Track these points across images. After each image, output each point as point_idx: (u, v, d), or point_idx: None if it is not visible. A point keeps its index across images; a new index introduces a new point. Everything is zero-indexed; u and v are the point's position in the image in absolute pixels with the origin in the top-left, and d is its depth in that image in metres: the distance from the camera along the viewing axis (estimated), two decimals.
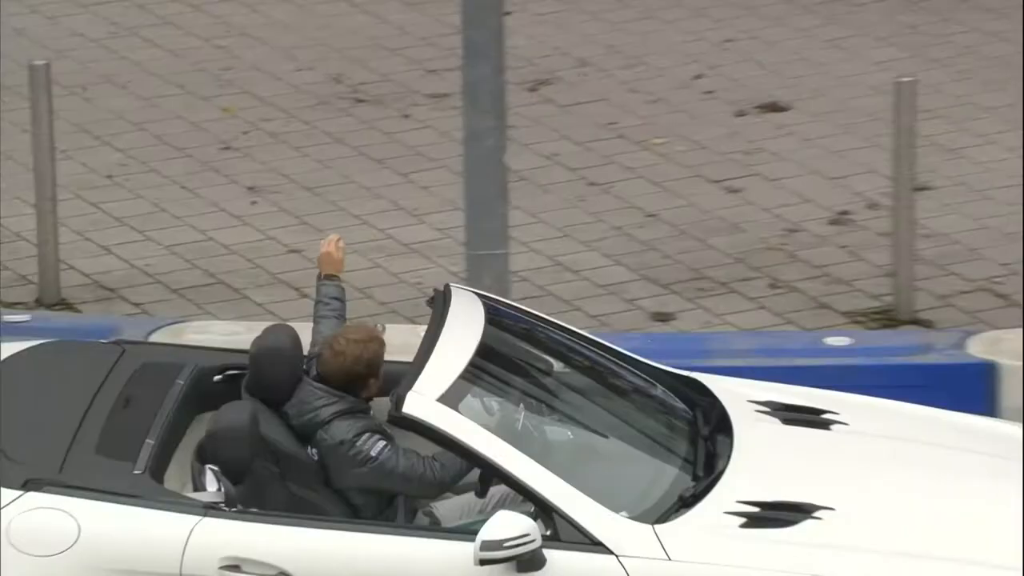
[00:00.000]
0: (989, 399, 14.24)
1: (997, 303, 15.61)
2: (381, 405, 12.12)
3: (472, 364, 11.92)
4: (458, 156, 15.06)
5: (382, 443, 11.77)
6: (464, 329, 12.15)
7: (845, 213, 16.60)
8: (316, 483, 11.93)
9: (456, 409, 11.56)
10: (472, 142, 14.85)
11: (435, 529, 11.84)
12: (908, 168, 15.54)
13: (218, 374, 12.55)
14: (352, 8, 19.28)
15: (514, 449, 11.61)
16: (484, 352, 12.02)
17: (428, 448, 11.89)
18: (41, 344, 12.96)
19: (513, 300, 14.60)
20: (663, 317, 15.51)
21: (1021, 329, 14.85)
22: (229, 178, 16.82)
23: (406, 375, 11.66)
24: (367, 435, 11.77)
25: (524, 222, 15.85)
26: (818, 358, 14.97)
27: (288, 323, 12.87)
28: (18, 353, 12.75)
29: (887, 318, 15.53)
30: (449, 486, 11.97)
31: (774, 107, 17.96)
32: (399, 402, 11.45)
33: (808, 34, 18.92)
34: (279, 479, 11.88)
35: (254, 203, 16.53)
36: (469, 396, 11.83)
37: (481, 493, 11.87)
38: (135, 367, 12.43)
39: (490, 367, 12.15)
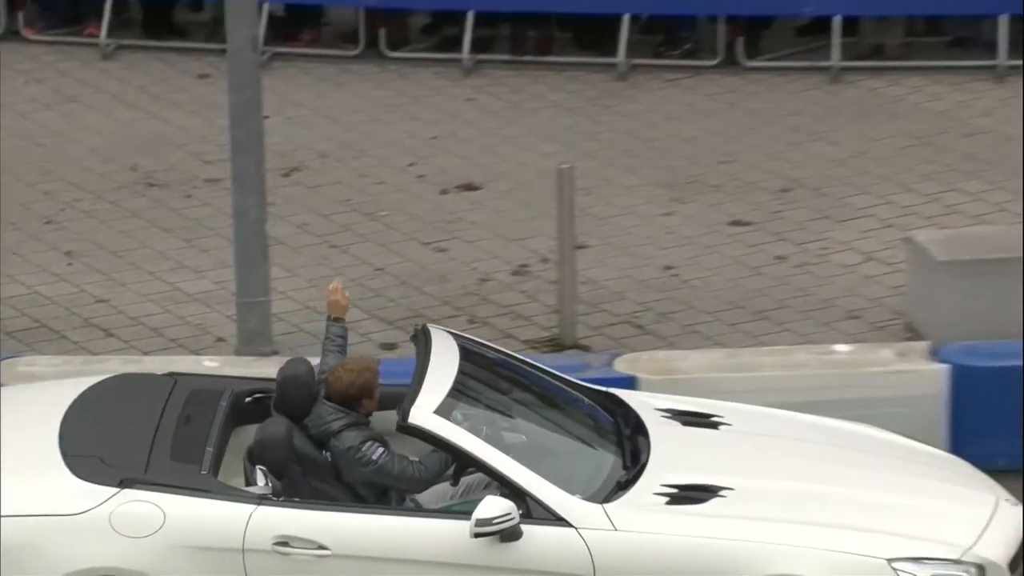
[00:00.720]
0: None
1: (636, 332, 15.65)
2: (380, 417, 12.35)
3: (455, 384, 12.19)
4: (229, 226, 15.51)
5: (381, 450, 12.00)
6: (445, 358, 12.39)
7: (524, 266, 16.62)
8: (330, 479, 12.12)
9: (448, 419, 11.91)
10: (240, 216, 15.29)
11: (432, 511, 12.08)
12: (569, 232, 15.60)
13: (248, 397, 12.79)
14: (146, 115, 18.93)
15: (493, 448, 11.93)
16: (463, 375, 12.30)
17: (417, 449, 12.20)
18: (111, 377, 13.05)
19: (275, 336, 15.42)
20: (389, 347, 15.57)
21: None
22: (50, 245, 16.63)
23: (407, 395, 12.03)
24: (369, 443, 12.00)
25: (282, 276, 15.98)
26: None
27: (303, 357, 12.89)
28: (95, 384, 12.80)
29: (556, 344, 15.63)
30: (431, 483, 12.19)
31: (470, 187, 17.85)
32: (405, 415, 11.84)
33: (494, 133, 18.74)
34: (303, 476, 12.09)
35: (70, 264, 16.46)
36: (456, 409, 12.08)
37: (454, 483, 12.17)
38: (188, 393, 12.67)
39: (469, 386, 12.37)
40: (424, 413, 11.93)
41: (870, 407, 14.05)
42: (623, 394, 13.00)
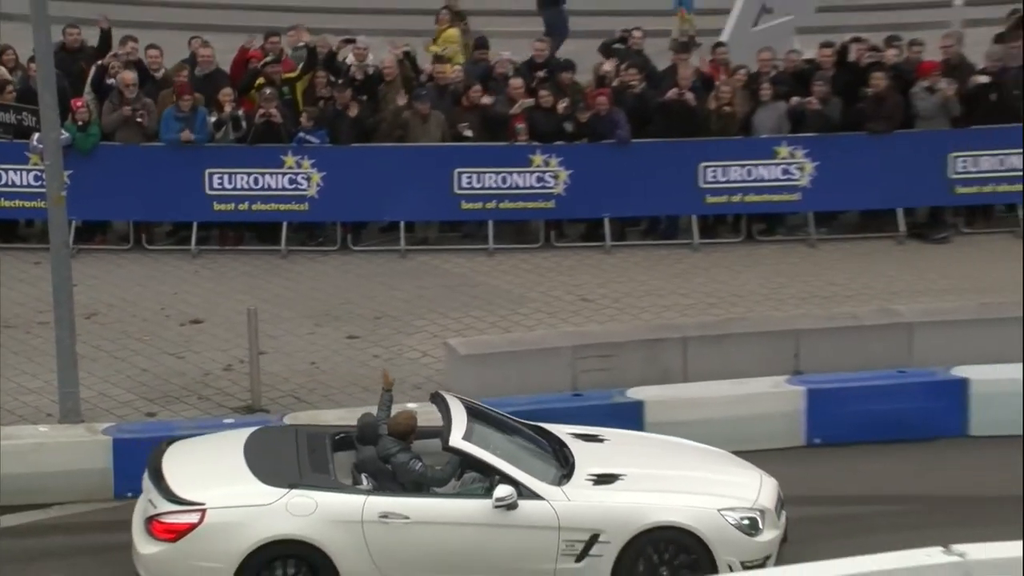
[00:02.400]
0: None
1: (296, 401, 15.55)
2: (418, 445, 12.66)
3: (467, 423, 12.54)
4: (54, 348, 14.92)
5: (420, 464, 12.32)
6: (457, 409, 12.75)
7: (230, 365, 16.20)
8: (391, 481, 12.36)
9: (471, 442, 12.37)
10: (60, 343, 14.77)
11: (461, 494, 12.40)
12: (255, 344, 15.30)
13: (338, 435, 12.94)
14: (3, 287, 17.98)
15: (498, 458, 12.36)
16: (469, 417, 12.63)
17: (435, 460, 12.56)
18: (258, 428, 13.33)
19: (82, 411, 14.81)
20: (151, 414, 15.25)
21: None
22: None
23: (443, 431, 12.48)
24: (413, 460, 12.32)
25: (85, 376, 15.28)
26: None
27: (370, 412, 13.03)
28: (252, 432, 13.08)
29: (249, 408, 15.33)
30: (447, 481, 12.41)
31: (196, 320, 17.34)
32: (446, 441, 12.35)
33: (210, 291, 18.23)
34: (375, 480, 12.42)
35: None
36: (472, 437, 12.44)
37: (458, 479, 12.48)
38: (305, 435, 12.95)
39: (474, 424, 12.60)
40: (456, 439, 12.35)
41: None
42: (546, 426, 13.31)
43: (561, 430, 13.18)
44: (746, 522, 12.36)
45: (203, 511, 11.91)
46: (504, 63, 19.47)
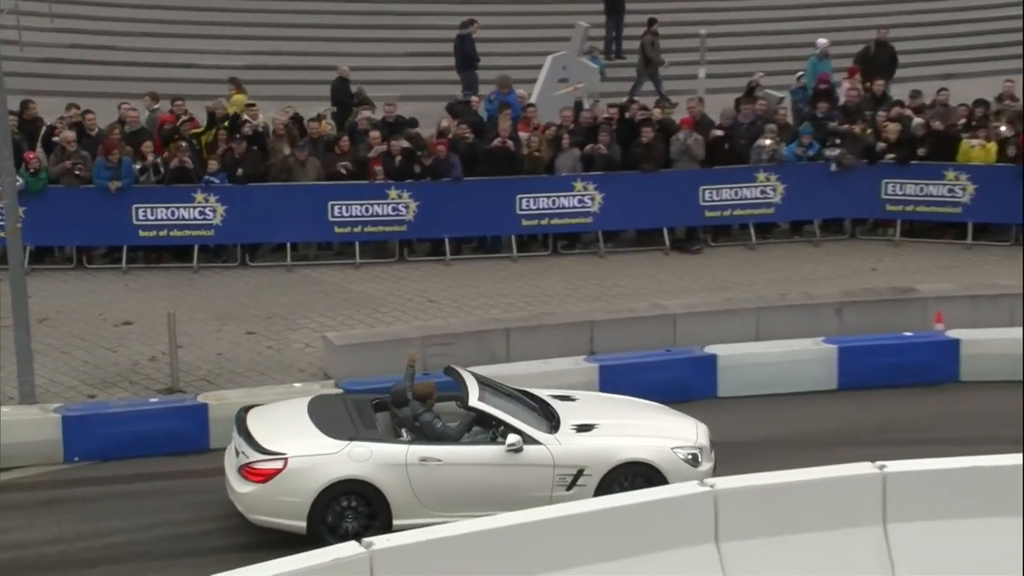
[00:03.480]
0: None
1: (208, 384, 15.06)
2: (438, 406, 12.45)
3: (479, 388, 12.54)
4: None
5: (440, 422, 12.26)
6: (469, 377, 12.72)
7: (154, 357, 15.75)
8: (420, 435, 12.27)
9: (485, 402, 12.36)
10: (19, 341, 14.38)
11: (479, 441, 12.32)
12: (173, 339, 14.92)
13: (375, 401, 12.81)
14: None
15: (506, 414, 12.33)
16: (480, 385, 12.61)
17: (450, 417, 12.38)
18: (316, 396, 13.16)
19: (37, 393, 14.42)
20: (91, 396, 14.67)
21: None
22: None
23: (462, 395, 12.43)
24: (435, 419, 12.27)
25: (38, 367, 14.81)
26: None
27: (402, 382, 12.72)
28: (311, 399, 12.96)
29: (168, 389, 14.87)
30: (460, 437, 12.32)
31: (127, 322, 16.85)
32: (466, 401, 12.35)
33: (136, 300, 17.79)
34: (412, 433, 12.31)
35: None
36: (484, 398, 12.44)
37: (468, 432, 12.39)
38: (352, 401, 12.89)
39: (484, 390, 12.59)
40: (474, 400, 12.36)
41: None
42: (531, 390, 13.16)
43: (542, 392, 13.15)
44: (691, 456, 12.45)
45: (286, 459, 11.92)
46: (363, 120, 19.30)
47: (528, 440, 12.19)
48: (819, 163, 18.76)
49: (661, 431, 12.67)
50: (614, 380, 14.57)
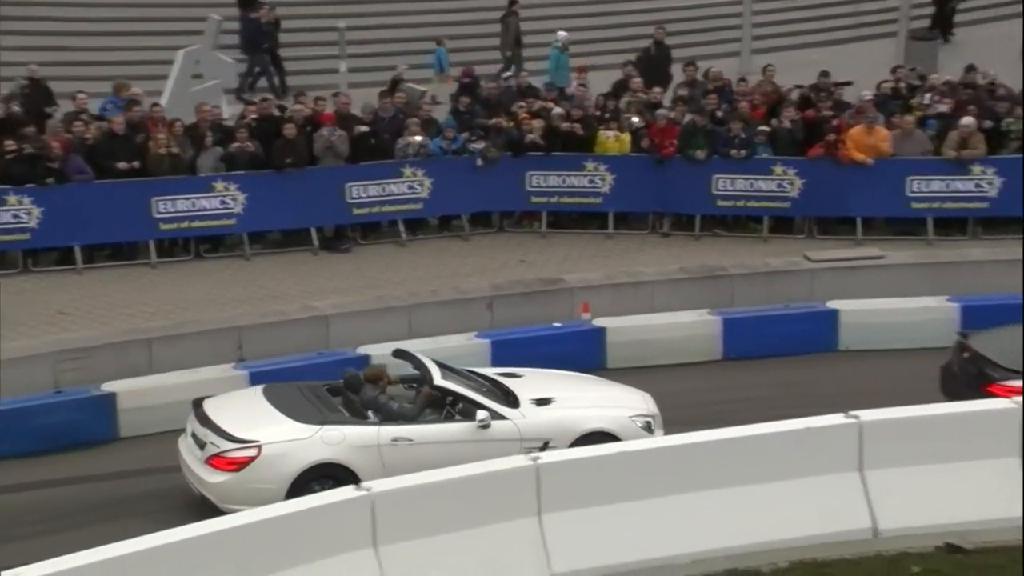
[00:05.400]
0: None
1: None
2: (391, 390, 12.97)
3: (440, 368, 13.19)
4: None
5: (395, 403, 12.79)
6: (427, 360, 13.34)
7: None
8: (382, 418, 12.79)
9: (448, 381, 13.02)
10: None
11: (448, 419, 12.92)
12: None
13: (326, 387, 13.26)
14: None
15: (470, 391, 13.01)
16: (440, 366, 13.25)
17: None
18: (266, 385, 13.42)
19: None
20: None
21: None
22: None
23: (423, 376, 13.09)
24: (390, 400, 12.84)
25: None
26: None
27: (352, 368, 13.45)
28: (263, 387, 13.34)
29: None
30: (418, 416, 12.94)
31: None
32: (431, 381, 12.96)
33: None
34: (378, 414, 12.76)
35: None
36: (446, 377, 13.11)
37: (422, 410, 12.92)
38: (306, 387, 13.22)
39: (445, 370, 13.29)
40: (439, 380, 13.00)
41: None
42: (475, 368, 13.93)
43: (487, 371, 13.90)
44: (646, 424, 13.14)
45: (259, 446, 12.26)
46: None
47: (495, 416, 12.76)
48: (465, 157, 18.96)
49: (616, 401, 13.40)
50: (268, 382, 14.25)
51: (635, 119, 19.99)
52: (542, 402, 13.12)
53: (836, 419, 10.96)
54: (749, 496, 10.58)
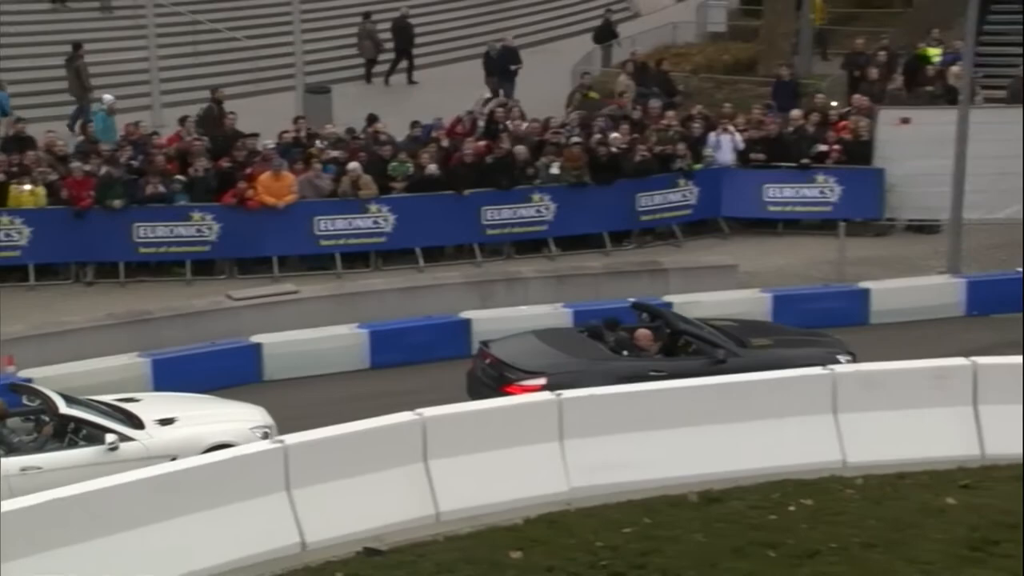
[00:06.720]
0: None
1: None
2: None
3: (63, 398, 13.33)
4: None
5: (16, 436, 13.03)
6: (47, 391, 13.69)
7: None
8: (6, 450, 12.73)
9: (74, 408, 13.44)
10: None
11: (76, 444, 13.21)
12: None
13: None
14: None
15: (96, 416, 13.37)
16: (62, 396, 13.61)
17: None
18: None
19: None
20: None
21: None
22: None
23: (47, 406, 13.09)
24: (11, 434, 13.14)
25: None
26: None
27: None
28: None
29: None
30: (41, 448, 13.10)
31: None
32: (56, 412, 13.21)
33: None
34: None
35: None
36: (73, 404, 13.50)
37: (48, 439, 13.13)
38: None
39: (68, 399, 13.53)
40: (65, 408, 13.22)
41: None
42: (90, 396, 13.90)
43: (104, 398, 14.06)
44: (264, 434, 13.60)
45: None
46: None
47: (123, 438, 13.07)
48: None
49: (233, 416, 13.97)
50: None
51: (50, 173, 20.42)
52: (166, 422, 13.60)
53: (265, 444, 12.18)
54: None
